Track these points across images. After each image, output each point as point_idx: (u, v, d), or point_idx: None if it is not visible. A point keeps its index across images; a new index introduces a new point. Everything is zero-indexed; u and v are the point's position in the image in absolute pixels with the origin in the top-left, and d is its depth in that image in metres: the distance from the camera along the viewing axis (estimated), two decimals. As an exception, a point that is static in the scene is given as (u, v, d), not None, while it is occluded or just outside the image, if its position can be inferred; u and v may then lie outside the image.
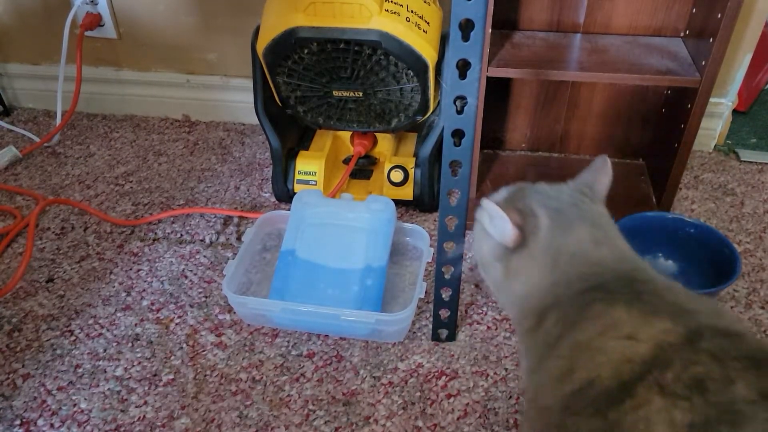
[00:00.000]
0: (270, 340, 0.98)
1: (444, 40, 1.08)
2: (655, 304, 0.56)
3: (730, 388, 0.46)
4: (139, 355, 0.95)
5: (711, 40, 0.97)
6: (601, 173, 0.70)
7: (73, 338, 0.98)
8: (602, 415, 0.50)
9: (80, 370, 0.93)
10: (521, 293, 0.65)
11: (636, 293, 0.58)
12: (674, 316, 0.54)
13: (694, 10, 1.11)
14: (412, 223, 1.13)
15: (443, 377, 0.91)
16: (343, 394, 0.90)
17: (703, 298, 0.58)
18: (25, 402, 0.89)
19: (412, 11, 1.03)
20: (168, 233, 1.18)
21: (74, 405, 0.88)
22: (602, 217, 0.67)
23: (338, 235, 1.03)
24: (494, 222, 0.64)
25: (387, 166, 1.21)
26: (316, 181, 1.21)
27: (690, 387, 0.47)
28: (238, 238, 1.17)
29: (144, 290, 1.06)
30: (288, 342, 0.97)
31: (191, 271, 1.10)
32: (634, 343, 0.52)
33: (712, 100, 1.29)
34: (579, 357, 0.54)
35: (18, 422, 0.86)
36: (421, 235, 1.09)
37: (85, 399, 0.89)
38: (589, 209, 0.66)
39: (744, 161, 1.37)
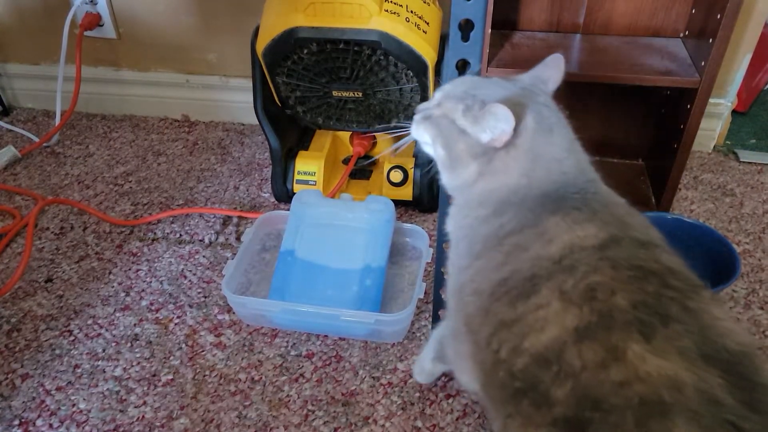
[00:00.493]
0: (269, 340, 0.98)
1: (444, 40, 1.08)
2: (593, 213, 0.62)
3: (612, 299, 0.53)
4: (138, 355, 0.95)
5: (710, 40, 0.97)
6: (553, 68, 0.74)
7: (72, 338, 0.98)
8: (513, 306, 0.58)
9: (79, 370, 0.93)
10: (488, 189, 0.68)
11: (583, 202, 0.64)
12: (604, 224, 0.60)
13: (693, 11, 1.11)
14: (412, 223, 1.13)
15: (442, 377, 0.91)
16: (343, 394, 0.90)
17: (642, 217, 0.65)
18: (23, 402, 0.89)
19: (411, 11, 1.03)
20: (167, 233, 1.18)
21: (73, 405, 0.88)
22: (564, 119, 0.72)
23: (337, 235, 1.03)
24: (498, 120, 0.64)
25: (386, 167, 1.21)
26: (315, 182, 1.21)
27: (583, 295, 0.54)
28: (238, 239, 1.17)
29: (143, 290, 1.06)
30: (287, 342, 0.97)
31: (190, 271, 1.10)
32: (548, 244, 0.59)
33: (711, 100, 1.28)
34: (513, 253, 0.61)
35: (17, 422, 0.86)
36: (420, 235, 1.09)
37: (84, 399, 0.89)
38: (558, 112, 0.71)
39: (743, 162, 1.37)
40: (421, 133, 0.73)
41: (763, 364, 0.52)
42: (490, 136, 0.65)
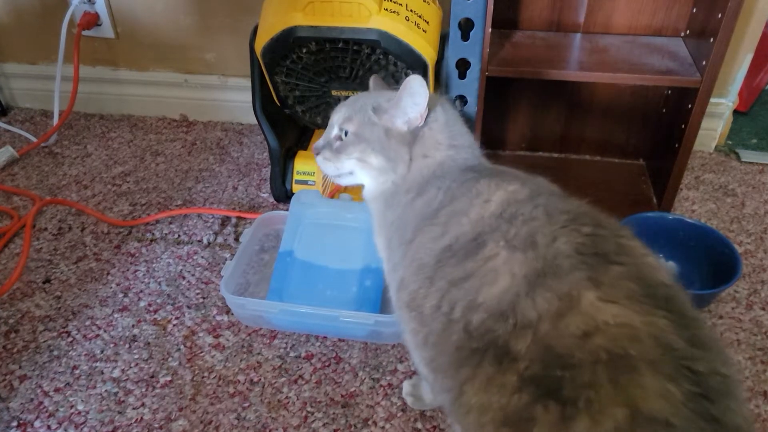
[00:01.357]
0: (268, 341, 0.97)
1: (444, 39, 1.08)
2: (512, 176, 0.70)
3: (554, 244, 0.57)
4: (136, 356, 0.95)
5: (711, 40, 0.96)
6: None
7: (70, 339, 0.97)
8: (462, 265, 0.61)
9: (77, 372, 0.93)
10: (418, 170, 0.74)
11: (497, 171, 0.73)
12: (522, 182, 0.67)
13: (694, 10, 1.10)
14: (412, 223, 1.13)
15: (442, 379, 0.90)
16: (342, 396, 0.89)
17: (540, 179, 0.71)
18: (21, 403, 0.88)
19: (411, 10, 1.03)
20: (165, 234, 1.18)
21: (71, 406, 0.88)
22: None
23: (337, 235, 1.02)
24: (413, 94, 0.72)
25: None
26: (314, 182, 1.21)
27: (525, 241, 0.58)
28: (236, 239, 1.17)
29: (141, 291, 1.06)
30: (286, 343, 0.97)
31: (189, 272, 1.10)
32: (486, 203, 0.64)
33: (712, 100, 1.28)
34: (451, 221, 0.66)
35: (15, 424, 0.86)
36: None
37: (82, 400, 0.89)
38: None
39: (745, 162, 1.36)
40: (342, 163, 0.78)
41: (685, 297, 0.55)
42: (411, 113, 0.73)
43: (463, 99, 1.09)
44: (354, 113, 0.77)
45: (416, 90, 0.71)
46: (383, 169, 0.76)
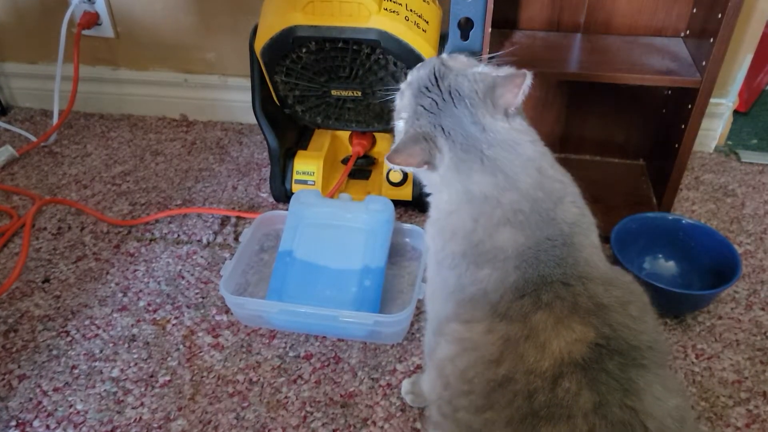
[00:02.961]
0: (267, 341, 0.97)
1: (443, 39, 1.08)
2: (574, 298, 0.63)
3: None
4: (135, 356, 0.95)
5: (711, 40, 0.96)
6: (510, 88, 0.66)
7: (69, 339, 0.97)
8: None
9: (76, 371, 0.93)
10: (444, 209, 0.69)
11: (559, 272, 0.65)
12: (588, 318, 0.60)
13: (694, 10, 1.10)
14: (411, 223, 1.13)
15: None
16: (341, 395, 0.89)
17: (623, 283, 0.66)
18: (20, 403, 0.88)
19: (411, 10, 1.03)
20: (165, 233, 1.18)
21: (70, 406, 0.88)
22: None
23: (336, 235, 1.02)
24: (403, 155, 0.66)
25: (386, 167, 1.20)
26: (314, 181, 1.21)
27: None
28: (236, 239, 1.17)
29: (140, 291, 1.06)
30: (285, 343, 0.97)
31: (188, 271, 1.10)
32: (541, 356, 0.58)
33: (712, 100, 1.28)
34: (507, 348, 0.60)
35: (13, 423, 0.86)
36: (420, 235, 1.08)
37: (81, 400, 0.89)
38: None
39: (745, 162, 1.36)
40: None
41: None
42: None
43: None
44: (406, 104, 0.72)
45: (401, 156, 0.68)
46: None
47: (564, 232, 0.64)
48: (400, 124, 0.70)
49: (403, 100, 0.70)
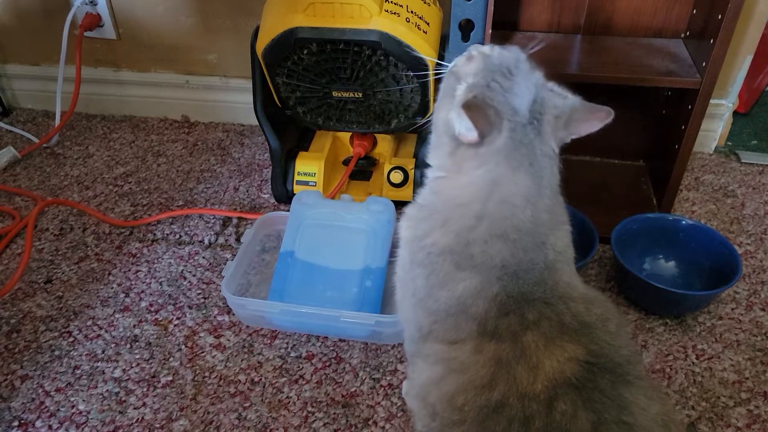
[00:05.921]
0: (269, 341, 0.97)
1: (444, 40, 1.08)
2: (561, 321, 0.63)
3: None
4: (137, 356, 0.95)
5: (711, 41, 0.97)
6: (590, 121, 0.67)
7: (71, 339, 0.98)
8: None
9: (78, 372, 0.93)
10: (448, 195, 0.66)
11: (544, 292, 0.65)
12: (583, 333, 0.60)
13: (694, 11, 1.10)
14: (412, 224, 1.13)
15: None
16: (343, 396, 0.89)
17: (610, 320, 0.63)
18: (23, 403, 0.88)
19: (412, 12, 1.03)
20: (167, 234, 1.18)
21: (72, 406, 0.88)
22: (550, 171, 0.66)
23: (338, 236, 1.03)
24: (461, 121, 0.61)
25: (387, 168, 1.20)
26: (315, 182, 1.21)
27: None
28: (237, 240, 1.17)
29: (143, 291, 1.06)
30: (287, 344, 0.97)
31: (190, 272, 1.10)
32: (534, 378, 0.56)
33: (712, 101, 1.28)
34: (499, 370, 0.59)
35: (16, 423, 0.86)
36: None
37: (84, 400, 0.89)
38: (548, 159, 0.65)
39: (745, 163, 1.36)
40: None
41: None
42: (457, 129, 0.62)
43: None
44: (473, 72, 0.66)
45: (463, 122, 0.61)
46: (433, 141, 0.71)
47: (548, 258, 0.63)
48: (460, 87, 0.64)
49: (472, 66, 0.65)
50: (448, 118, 0.64)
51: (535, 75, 0.65)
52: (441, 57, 1.08)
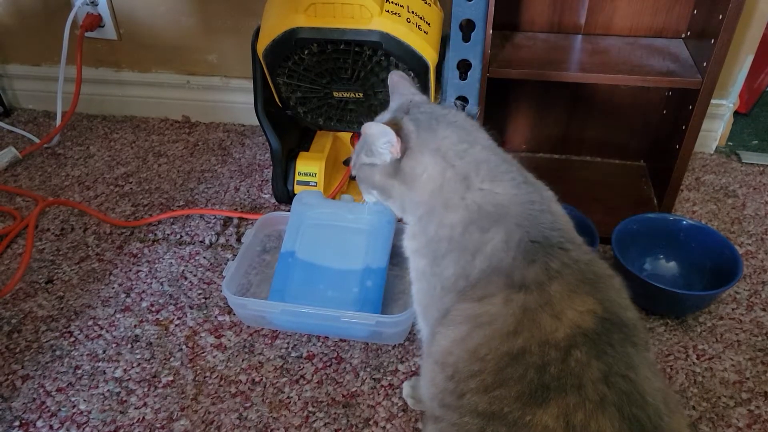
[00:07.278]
0: (269, 341, 0.97)
1: (445, 41, 1.08)
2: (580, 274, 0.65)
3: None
4: (138, 356, 0.95)
5: (712, 41, 0.97)
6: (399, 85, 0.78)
7: (72, 339, 0.98)
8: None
9: (79, 372, 0.93)
10: (428, 190, 0.70)
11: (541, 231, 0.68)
12: (598, 287, 0.63)
13: (695, 12, 1.10)
14: (413, 224, 1.13)
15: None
16: (343, 396, 0.89)
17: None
18: (24, 403, 0.89)
19: (412, 12, 1.03)
20: (168, 234, 1.18)
21: (73, 406, 0.88)
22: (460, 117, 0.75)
23: (338, 236, 1.03)
24: (375, 137, 0.69)
25: (387, 168, 1.20)
26: (316, 182, 1.21)
27: None
28: (238, 240, 1.17)
29: (143, 291, 1.06)
30: (288, 344, 0.97)
31: (191, 272, 1.10)
32: (557, 326, 0.59)
33: (713, 101, 1.28)
34: (525, 320, 0.61)
35: (17, 423, 0.86)
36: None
37: (85, 400, 0.89)
38: (447, 113, 0.74)
39: (745, 163, 1.36)
40: (368, 196, 0.78)
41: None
42: (385, 154, 0.70)
43: (464, 100, 1.10)
44: (356, 152, 0.79)
45: (376, 133, 0.69)
46: (382, 196, 0.77)
47: (543, 196, 0.69)
48: (376, 146, 0.73)
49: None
50: (375, 171, 0.73)
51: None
52: (442, 57, 1.08)
